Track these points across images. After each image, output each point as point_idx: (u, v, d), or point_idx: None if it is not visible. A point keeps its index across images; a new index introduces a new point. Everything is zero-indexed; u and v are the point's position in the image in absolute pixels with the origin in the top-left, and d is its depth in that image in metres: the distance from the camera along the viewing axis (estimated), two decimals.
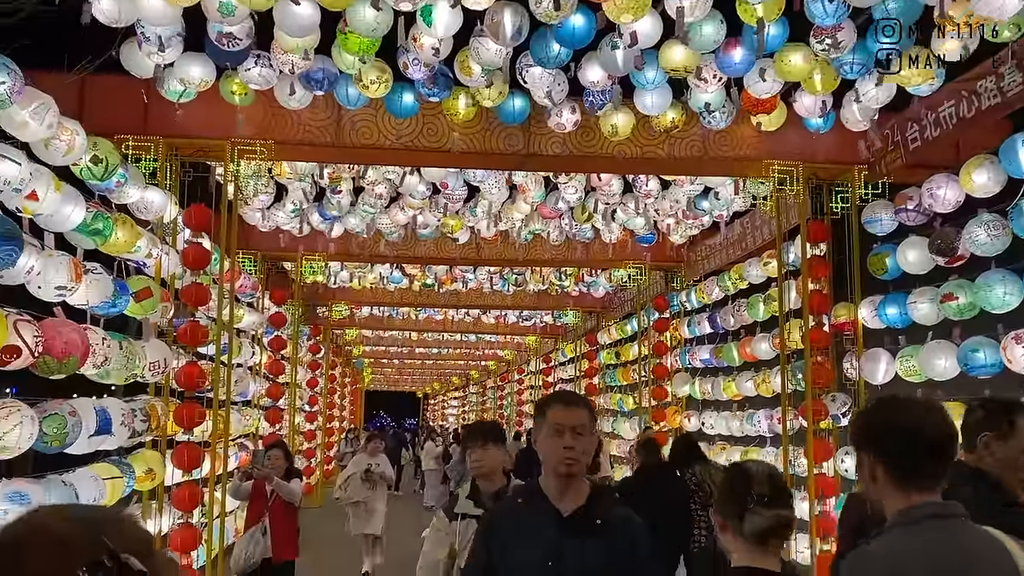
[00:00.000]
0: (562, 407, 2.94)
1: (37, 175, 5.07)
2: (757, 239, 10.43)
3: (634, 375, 15.02)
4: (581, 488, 2.93)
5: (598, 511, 2.90)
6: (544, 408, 2.99)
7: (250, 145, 7.79)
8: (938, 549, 1.97)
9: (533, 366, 25.47)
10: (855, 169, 8.15)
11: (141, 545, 1.05)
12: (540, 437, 2.96)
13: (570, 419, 2.90)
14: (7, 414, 4.63)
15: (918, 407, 2.14)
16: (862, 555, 2.05)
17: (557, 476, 2.89)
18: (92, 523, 1.04)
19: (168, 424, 7.47)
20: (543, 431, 2.94)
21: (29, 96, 5.05)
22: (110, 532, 1.02)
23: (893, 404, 2.20)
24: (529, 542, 2.85)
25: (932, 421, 2.08)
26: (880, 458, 2.10)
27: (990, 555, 1.97)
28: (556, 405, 2.97)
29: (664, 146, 8.15)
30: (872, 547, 2.05)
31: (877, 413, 2.22)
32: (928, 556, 1.96)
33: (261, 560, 6.84)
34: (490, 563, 2.90)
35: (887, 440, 2.10)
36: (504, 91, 7.35)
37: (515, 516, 2.95)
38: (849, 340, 8.37)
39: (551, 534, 2.83)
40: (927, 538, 1.99)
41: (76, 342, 5.25)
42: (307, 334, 17.87)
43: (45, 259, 5.24)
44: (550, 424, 2.91)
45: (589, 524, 2.85)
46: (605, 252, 12.60)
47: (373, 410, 65.55)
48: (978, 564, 1.95)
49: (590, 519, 2.86)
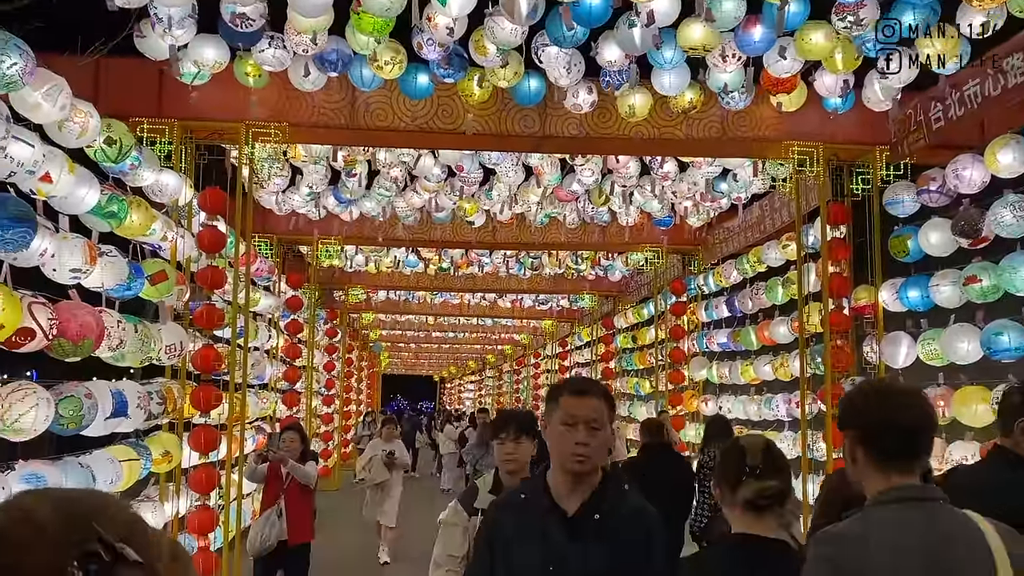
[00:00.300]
0: (576, 396, 2.65)
1: (51, 157, 5.05)
2: (776, 221, 10.32)
3: (651, 359, 14.98)
4: (591, 484, 2.65)
5: (604, 508, 2.62)
6: (557, 395, 2.70)
7: (264, 128, 7.75)
8: (913, 529, 2.01)
9: (549, 350, 25.45)
10: (876, 150, 8.01)
11: (133, 531, 0.95)
12: (550, 427, 2.68)
13: (584, 410, 2.61)
14: (23, 396, 4.63)
15: (899, 392, 2.20)
16: (835, 533, 2.09)
17: (565, 473, 2.63)
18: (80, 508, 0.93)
19: (185, 407, 7.49)
20: (554, 420, 2.66)
21: (41, 77, 5.02)
22: (100, 518, 0.92)
23: (876, 388, 2.27)
24: (530, 544, 2.60)
25: (912, 406, 2.13)
26: (860, 440, 2.15)
27: (965, 536, 2.00)
28: (570, 393, 2.67)
29: (682, 127, 8.05)
30: (846, 526, 2.09)
31: (859, 396, 2.25)
32: (903, 536, 2.01)
33: (277, 542, 6.84)
34: (492, 565, 2.67)
35: (868, 423, 2.14)
36: (520, 72, 7.26)
37: (517, 514, 2.69)
38: (869, 323, 8.27)
39: (554, 536, 2.58)
40: (903, 518, 2.03)
41: (91, 325, 5.24)
42: (324, 318, 17.90)
43: (59, 241, 5.22)
44: (562, 414, 2.63)
45: (594, 523, 2.59)
46: (622, 235, 12.53)
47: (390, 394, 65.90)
48: (953, 544, 1.99)
49: (595, 518, 2.60)
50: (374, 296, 19.56)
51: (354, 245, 14.17)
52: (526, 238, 12.92)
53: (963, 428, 7.01)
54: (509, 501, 2.82)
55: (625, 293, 17.43)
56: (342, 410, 19.56)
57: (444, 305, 20.85)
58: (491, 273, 16.30)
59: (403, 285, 17.45)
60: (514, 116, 7.94)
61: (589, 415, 2.60)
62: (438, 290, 18.50)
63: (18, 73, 4.67)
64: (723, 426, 7.74)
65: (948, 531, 2.02)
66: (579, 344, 21.90)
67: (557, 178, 9.88)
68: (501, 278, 16.71)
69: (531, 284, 17.08)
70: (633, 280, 16.52)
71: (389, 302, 20.30)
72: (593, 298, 18.90)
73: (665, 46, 6.69)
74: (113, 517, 0.94)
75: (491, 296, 19.84)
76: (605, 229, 12.76)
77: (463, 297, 20.04)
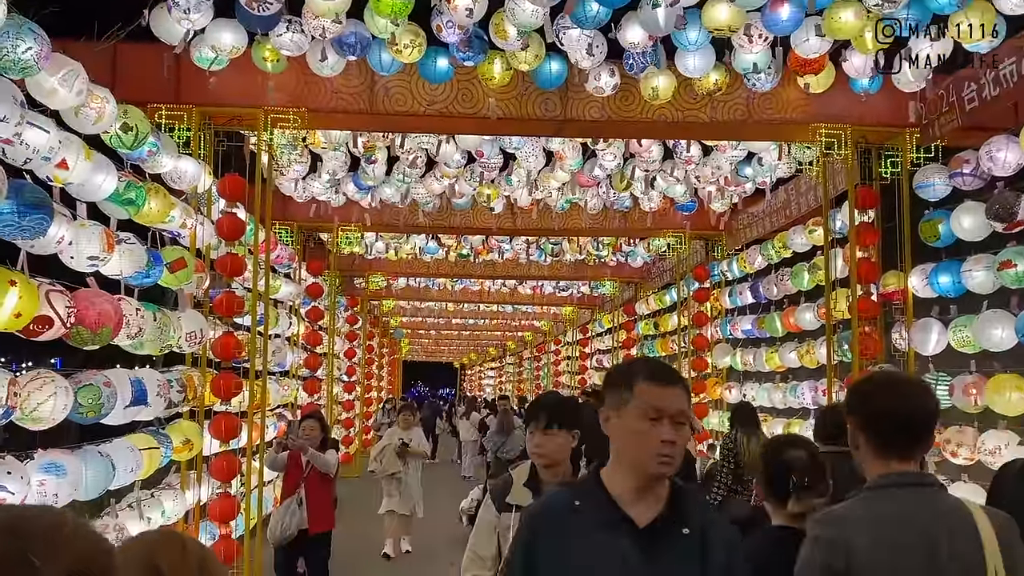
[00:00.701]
0: (660, 385, 2.16)
1: (67, 143, 4.99)
2: (802, 206, 10.17)
3: (673, 346, 14.88)
4: (659, 490, 2.18)
5: (686, 518, 2.16)
6: (628, 381, 2.19)
7: (283, 113, 7.68)
8: (909, 512, 2.19)
9: (570, 337, 25.36)
10: (906, 132, 7.83)
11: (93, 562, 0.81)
12: (618, 419, 2.19)
13: (671, 402, 2.14)
14: (41, 385, 4.60)
15: (902, 383, 2.42)
16: (835, 515, 2.27)
17: (640, 476, 2.15)
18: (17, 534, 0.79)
19: (205, 394, 7.47)
20: (626, 412, 2.16)
21: (57, 62, 4.96)
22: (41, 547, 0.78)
23: (881, 378, 2.51)
24: (589, 561, 2.09)
25: (913, 397, 2.31)
26: (863, 427, 2.32)
27: (956, 519, 2.18)
28: (651, 380, 2.17)
29: (706, 110, 7.89)
30: (845, 508, 2.27)
31: (864, 385, 2.44)
32: (898, 518, 2.19)
33: (297, 531, 6.81)
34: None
35: (870, 411, 2.32)
36: (541, 54, 7.13)
37: (568, 524, 2.15)
38: (898, 310, 8.11)
39: (622, 551, 2.08)
40: (899, 501, 2.21)
41: (109, 313, 5.20)
42: (344, 305, 17.91)
43: (77, 229, 5.18)
44: (641, 406, 2.14)
45: (675, 537, 2.12)
46: (644, 221, 12.41)
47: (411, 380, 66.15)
48: (943, 527, 2.16)
49: (676, 530, 2.13)
50: (394, 283, 19.56)
51: (374, 232, 14.15)
52: (547, 224, 12.85)
53: (996, 417, 6.84)
54: (555, 507, 2.23)
55: (647, 279, 17.29)
56: (363, 397, 19.58)
57: (464, 292, 20.83)
58: (511, 259, 16.23)
59: (423, 272, 17.43)
60: (535, 100, 7.81)
61: (678, 408, 2.15)
62: (458, 277, 18.48)
63: (33, 58, 4.61)
64: (748, 413, 7.79)
65: (941, 512, 2.19)
66: (600, 331, 21.81)
67: (579, 163, 9.76)
68: (521, 264, 16.65)
69: (552, 270, 17.01)
70: (655, 266, 16.39)
71: (409, 289, 20.30)
72: (614, 284, 18.80)
73: (689, 27, 6.54)
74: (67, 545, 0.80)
75: (511, 282, 19.78)
76: (627, 214, 12.66)
77: (483, 284, 20.00)
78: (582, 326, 23.25)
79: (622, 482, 2.17)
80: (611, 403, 2.22)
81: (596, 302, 21.86)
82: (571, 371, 24.46)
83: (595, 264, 16.68)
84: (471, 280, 19.44)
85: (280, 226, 11.98)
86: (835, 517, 2.25)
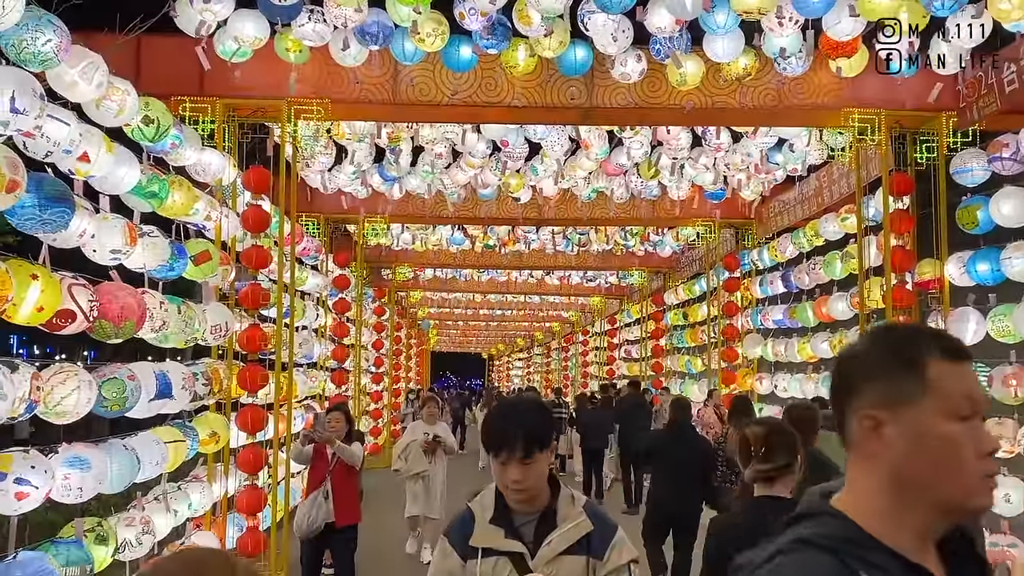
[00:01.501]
0: (959, 361, 1.38)
1: (88, 136, 4.97)
2: (834, 193, 10.04)
3: (703, 336, 14.75)
4: None
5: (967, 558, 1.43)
6: (916, 358, 1.36)
7: (306, 105, 7.64)
8: None
9: (598, 327, 25.24)
10: (943, 116, 7.62)
11: None
12: (902, 424, 1.35)
13: (978, 388, 1.38)
14: (64, 379, 4.58)
15: None
16: None
17: (952, 510, 1.35)
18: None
19: (232, 387, 7.46)
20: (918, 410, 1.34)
21: (77, 55, 4.93)
22: None
23: None
24: None
25: None
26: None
27: None
28: (950, 356, 1.37)
29: (736, 95, 7.75)
30: None
31: None
32: None
33: (324, 524, 6.78)
34: None
35: None
36: (565, 41, 7.01)
37: None
38: (934, 299, 7.92)
39: None
40: None
41: (132, 306, 5.18)
42: (371, 296, 17.93)
43: (99, 222, 5.16)
44: (946, 396, 1.34)
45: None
46: (672, 209, 12.34)
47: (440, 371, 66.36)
48: None
49: None
50: (421, 274, 19.57)
51: (400, 223, 14.14)
52: (573, 214, 12.81)
53: None
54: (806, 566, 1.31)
55: (676, 269, 17.21)
56: (391, 388, 19.62)
57: (491, 282, 20.79)
58: (538, 250, 16.19)
59: (449, 263, 17.42)
60: (560, 87, 7.72)
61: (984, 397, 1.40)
62: (485, 267, 18.45)
63: (53, 50, 4.58)
64: (742, 405, 7.94)
65: None
66: (628, 321, 21.70)
67: (605, 151, 9.64)
68: (548, 255, 16.62)
69: (579, 261, 16.96)
70: (684, 256, 16.28)
71: (436, 280, 20.31)
72: (643, 274, 18.68)
73: (717, 10, 6.38)
74: None
75: (538, 273, 19.73)
76: (655, 203, 12.59)
77: (510, 274, 19.95)
78: (610, 316, 23.14)
79: (911, 523, 1.35)
80: (881, 398, 1.37)
81: (624, 292, 21.77)
82: (599, 361, 24.34)
83: (623, 254, 16.60)
84: (498, 271, 19.40)
85: (306, 218, 11.98)
86: None
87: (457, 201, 12.09)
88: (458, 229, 14.73)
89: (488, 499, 2.59)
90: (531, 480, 2.50)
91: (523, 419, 2.54)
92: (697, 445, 7.86)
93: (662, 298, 17.65)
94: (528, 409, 2.62)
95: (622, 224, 14.15)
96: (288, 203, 8.48)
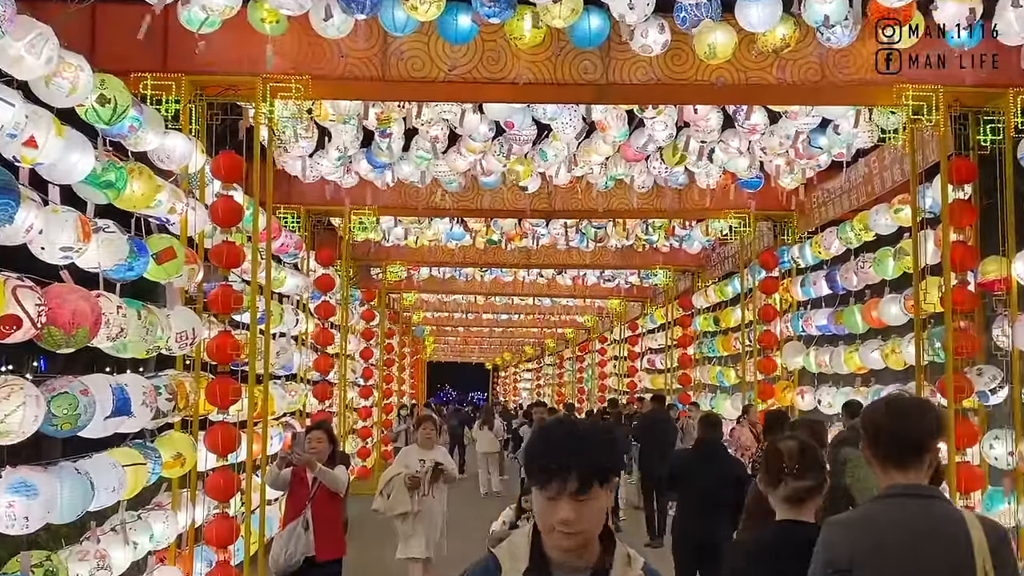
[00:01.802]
0: None
1: (34, 118, 4.99)
2: (886, 181, 10.10)
3: (736, 344, 14.82)
4: None
5: None
6: None
7: (284, 82, 7.67)
8: (906, 518, 2.78)
9: (617, 334, 25.28)
10: (1010, 93, 7.66)
11: None
12: None
13: None
14: (8, 393, 4.60)
15: (905, 405, 3.01)
16: (843, 520, 2.93)
17: None
18: None
19: (200, 402, 7.49)
20: None
21: (23, 26, 4.95)
22: None
23: (887, 401, 3.08)
24: None
25: (911, 417, 2.89)
26: (869, 445, 2.94)
27: (951, 524, 2.78)
28: None
29: (772, 70, 7.78)
30: (853, 514, 3.01)
31: (876, 406, 3.08)
32: (895, 522, 2.79)
33: (303, 558, 6.79)
34: None
35: (875, 431, 2.92)
36: (578, 8, 7.04)
37: None
38: (1000, 301, 7.95)
39: None
40: (902, 509, 2.81)
41: (85, 311, 5.20)
42: (359, 299, 17.97)
43: (48, 216, 5.18)
44: None
45: None
46: (701, 200, 12.41)
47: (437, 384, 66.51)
48: (939, 530, 2.76)
49: None
50: (415, 274, 19.62)
51: (391, 216, 14.18)
52: (588, 205, 12.82)
53: None
54: None
55: (706, 268, 17.32)
56: (381, 403, 19.66)
57: (495, 283, 20.86)
58: (548, 246, 16.25)
59: (448, 261, 17.49)
60: (572, 61, 7.76)
61: None
62: (487, 266, 18.52)
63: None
64: (774, 420, 8.01)
65: (938, 517, 2.80)
66: (651, 327, 21.78)
67: (624, 133, 9.67)
68: (560, 252, 16.69)
69: (595, 258, 17.06)
70: (715, 252, 16.38)
71: (433, 280, 20.37)
72: (668, 274, 18.73)
73: None
74: None
75: (548, 272, 19.78)
76: (681, 193, 12.63)
77: (516, 274, 20.01)
78: (631, 322, 23.21)
79: None
80: None
81: (647, 294, 21.86)
82: (618, 373, 24.37)
83: (645, 250, 16.67)
84: (502, 270, 19.46)
85: (284, 210, 12.02)
86: (842, 521, 2.92)
87: (456, 191, 12.12)
88: (457, 223, 14.78)
89: (520, 546, 2.32)
90: (585, 522, 2.24)
91: (581, 443, 2.27)
92: (729, 468, 7.89)
93: (690, 301, 17.70)
94: (588, 430, 2.34)
95: (644, 216, 14.21)
96: (263, 193, 8.51)
